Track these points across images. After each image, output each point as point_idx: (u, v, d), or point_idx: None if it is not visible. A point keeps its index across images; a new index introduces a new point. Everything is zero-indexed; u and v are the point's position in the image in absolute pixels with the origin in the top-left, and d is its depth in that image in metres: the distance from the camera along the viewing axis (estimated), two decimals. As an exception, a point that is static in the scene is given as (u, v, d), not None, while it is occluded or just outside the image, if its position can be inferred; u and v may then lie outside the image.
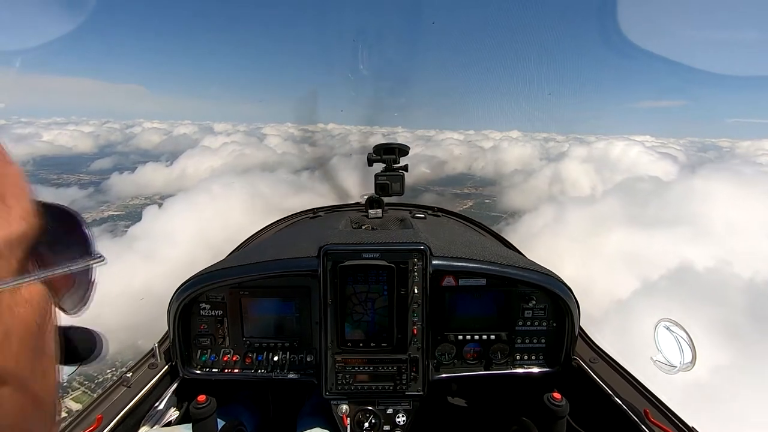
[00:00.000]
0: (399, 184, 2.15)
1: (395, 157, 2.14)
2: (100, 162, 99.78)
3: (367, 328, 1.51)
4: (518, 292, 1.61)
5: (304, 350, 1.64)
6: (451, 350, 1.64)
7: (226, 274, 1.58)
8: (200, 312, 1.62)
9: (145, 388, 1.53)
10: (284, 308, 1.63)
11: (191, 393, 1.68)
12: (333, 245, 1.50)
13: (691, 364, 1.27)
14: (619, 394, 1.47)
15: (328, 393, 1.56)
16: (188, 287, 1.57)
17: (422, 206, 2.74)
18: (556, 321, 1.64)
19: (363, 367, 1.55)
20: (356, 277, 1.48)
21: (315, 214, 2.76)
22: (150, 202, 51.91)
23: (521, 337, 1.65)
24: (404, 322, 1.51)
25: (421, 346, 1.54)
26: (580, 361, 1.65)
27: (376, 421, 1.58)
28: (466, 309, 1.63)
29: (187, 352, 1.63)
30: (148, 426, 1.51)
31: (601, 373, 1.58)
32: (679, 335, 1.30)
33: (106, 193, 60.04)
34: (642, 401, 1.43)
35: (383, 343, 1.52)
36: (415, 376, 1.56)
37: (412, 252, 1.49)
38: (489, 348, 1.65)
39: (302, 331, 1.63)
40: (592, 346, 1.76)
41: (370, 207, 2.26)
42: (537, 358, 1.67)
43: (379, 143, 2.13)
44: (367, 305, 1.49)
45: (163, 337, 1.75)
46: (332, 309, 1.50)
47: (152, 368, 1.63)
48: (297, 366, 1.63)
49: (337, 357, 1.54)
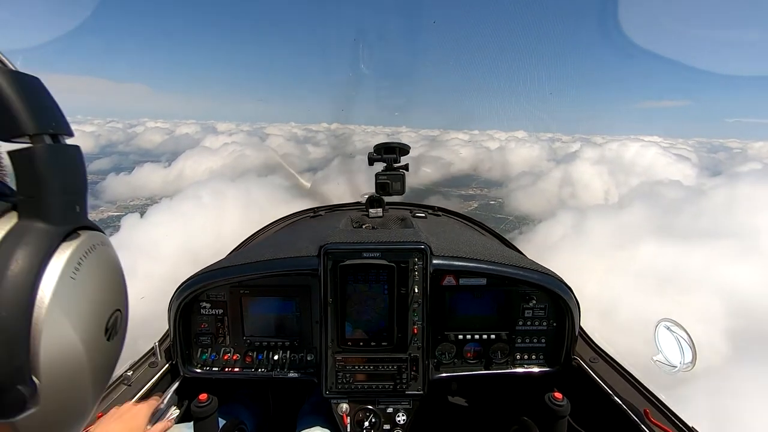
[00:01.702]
0: (399, 183, 2.15)
1: (396, 157, 2.14)
2: (99, 162, 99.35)
3: (367, 328, 1.52)
4: (518, 291, 1.61)
5: (305, 349, 1.64)
6: (451, 350, 1.64)
7: (227, 272, 1.58)
8: (201, 311, 1.62)
9: (145, 387, 1.53)
10: (285, 307, 1.63)
11: (192, 392, 1.68)
12: (333, 244, 1.50)
13: (692, 364, 1.27)
14: (619, 393, 1.47)
15: (328, 392, 1.56)
16: (189, 286, 1.57)
17: (423, 205, 2.75)
18: (556, 321, 1.64)
19: (363, 367, 1.55)
20: (357, 276, 1.48)
21: (315, 213, 2.76)
22: (150, 202, 51.19)
23: (521, 336, 1.65)
24: (404, 322, 1.52)
25: (422, 346, 1.55)
26: (580, 360, 1.65)
27: (376, 420, 1.59)
28: (466, 308, 1.63)
29: (188, 350, 1.63)
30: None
31: (601, 373, 1.58)
32: (679, 335, 1.30)
33: (99, 197, 59.36)
34: (642, 401, 1.43)
35: (383, 342, 1.52)
36: (416, 376, 1.56)
37: (412, 251, 1.49)
38: (489, 347, 1.65)
39: (303, 330, 1.63)
40: (593, 345, 1.76)
41: (371, 206, 2.26)
42: (537, 357, 1.67)
43: (380, 142, 2.14)
44: (367, 304, 1.50)
45: (163, 336, 1.75)
46: (332, 308, 1.50)
47: (153, 367, 1.63)
48: (297, 365, 1.63)
49: (338, 356, 1.54)
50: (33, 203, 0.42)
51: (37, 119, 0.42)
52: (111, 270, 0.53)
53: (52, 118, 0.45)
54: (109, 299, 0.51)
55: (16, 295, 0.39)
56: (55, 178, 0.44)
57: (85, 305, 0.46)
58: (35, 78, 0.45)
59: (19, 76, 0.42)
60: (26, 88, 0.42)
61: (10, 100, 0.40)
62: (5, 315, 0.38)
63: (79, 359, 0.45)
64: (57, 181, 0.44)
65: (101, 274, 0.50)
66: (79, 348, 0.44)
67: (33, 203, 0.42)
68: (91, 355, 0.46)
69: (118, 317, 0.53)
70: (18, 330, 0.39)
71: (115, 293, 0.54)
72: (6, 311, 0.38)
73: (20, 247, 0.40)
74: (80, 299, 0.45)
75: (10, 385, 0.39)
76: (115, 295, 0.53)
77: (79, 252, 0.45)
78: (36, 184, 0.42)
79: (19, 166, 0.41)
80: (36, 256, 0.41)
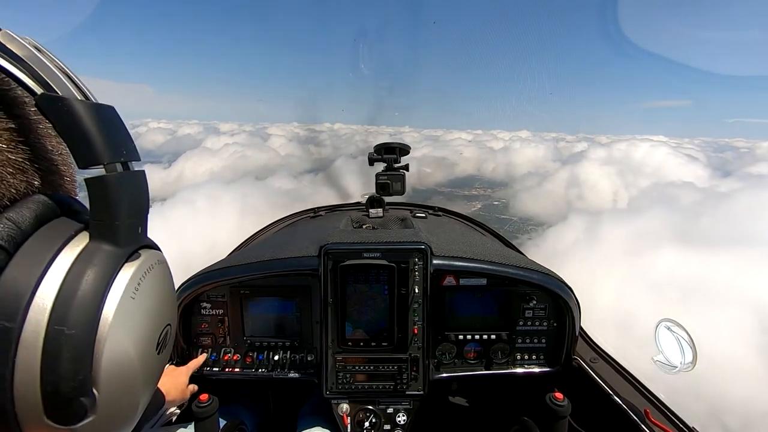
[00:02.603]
0: (400, 183, 2.15)
1: (396, 157, 2.14)
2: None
3: (367, 328, 1.52)
4: (519, 291, 1.61)
5: (305, 349, 1.64)
6: (451, 350, 1.64)
7: (227, 273, 1.59)
8: (201, 311, 1.62)
9: None
10: (285, 307, 1.63)
11: None
12: (334, 244, 1.50)
13: (692, 364, 1.27)
14: (620, 393, 1.47)
15: (328, 392, 1.56)
16: (189, 286, 1.57)
17: (423, 206, 2.75)
18: (556, 321, 1.64)
19: (363, 367, 1.55)
20: (357, 276, 1.48)
21: (316, 213, 2.76)
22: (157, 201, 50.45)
23: (522, 336, 1.64)
24: (405, 322, 1.52)
25: (422, 346, 1.55)
26: (580, 360, 1.64)
27: (376, 420, 1.59)
28: (466, 308, 1.63)
29: (188, 351, 1.64)
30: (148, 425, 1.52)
31: (601, 373, 1.58)
32: (680, 335, 1.30)
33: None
34: (642, 401, 1.43)
35: (384, 342, 1.52)
36: (416, 376, 1.56)
37: (412, 251, 1.49)
38: (489, 348, 1.65)
39: (303, 331, 1.63)
40: (593, 346, 1.76)
41: (371, 206, 2.26)
42: (537, 357, 1.67)
43: (380, 143, 2.14)
44: (367, 305, 1.50)
45: None
46: (333, 308, 1.50)
47: None
48: (297, 365, 1.64)
49: (338, 356, 1.54)
50: (103, 226, 0.46)
51: (111, 148, 0.45)
52: (165, 287, 0.56)
53: (123, 146, 0.48)
54: (162, 315, 0.54)
55: (85, 314, 0.42)
56: (123, 203, 0.47)
57: (143, 322, 0.49)
58: (111, 108, 0.48)
59: (97, 107, 0.45)
60: (103, 118, 0.45)
61: (89, 132, 0.43)
62: (75, 333, 0.41)
63: (134, 372, 0.48)
64: (125, 206, 0.47)
65: (158, 292, 0.53)
66: (134, 361, 0.47)
67: (103, 226, 0.46)
68: (144, 368, 0.49)
69: (168, 331, 0.57)
70: (85, 347, 0.42)
71: (168, 309, 0.57)
72: (76, 329, 0.41)
73: (90, 269, 0.43)
74: (139, 316, 0.49)
75: (74, 397, 0.42)
76: (167, 311, 0.56)
77: (139, 272, 0.48)
78: (108, 209, 0.45)
79: (93, 192, 0.45)
80: (103, 278, 0.44)
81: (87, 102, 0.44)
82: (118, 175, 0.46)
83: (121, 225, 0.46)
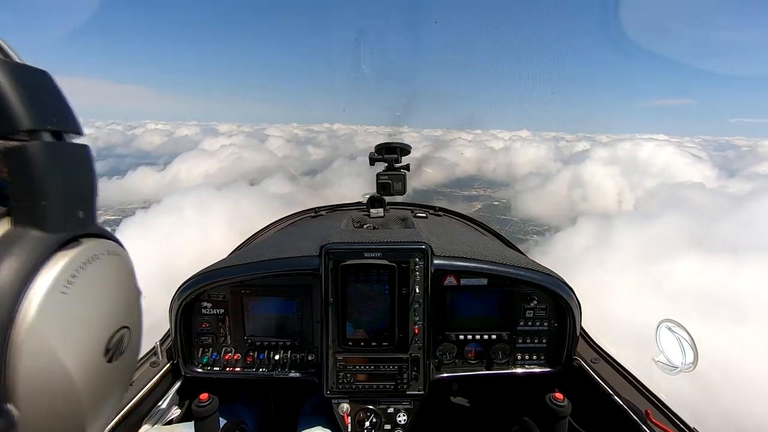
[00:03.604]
0: (401, 183, 2.15)
1: (397, 157, 2.14)
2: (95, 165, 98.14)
3: (368, 328, 1.52)
4: (520, 291, 1.61)
5: (306, 349, 1.64)
6: (452, 350, 1.64)
7: (228, 272, 1.59)
8: (202, 311, 1.62)
9: (146, 387, 1.53)
10: (286, 307, 1.63)
11: (193, 391, 1.69)
12: (334, 244, 1.50)
13: (693, 364, 1.27)
14: (621, 394, 1.46)
15: (329, 392, 1.56)
16: (190, 286, 1.57)
17: (424, 205, 2.75)
18: (557, 321, 1.64)
19: (364, 367, 1.55)
20: (358, 276, 1.48)
21: (316, 213, 2.76)
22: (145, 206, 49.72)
23: (522, 336, 1.64)
24: (405, 322, 1.52)
25: (423, 346, 1.54)
26: (581, 361, 1.64)
27: (377, 420, 1.59)
28: (467, 308, 1.63)
29: (189, 350, 1.64)
30: (149, 424, 1.52)
31: (602, 374, 1.57)
32: (681, 336, 1.30)
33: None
34: (643, 402, 1.43)
35: (384, 342, 1.52)
36: (416, 376, 1.56)
37: (413, 251, 1.49)
38: (490, 348, 1.65)
39: (303, 330, 1.63)
40: (594, 346, 1.76)
41: (372, 206, 2.26)
42: (538, 358, 1.67)
43: (381, 142, 2.14)
44: (368, 304, 1.50)
45: (164, 336, 1.76)
46: (333, 308, 1.50)
47: (154, 366, 1.64)
48: (298, 365, 1.64)
49: (339, 356, 1.54)
50: (27, 208, 0.38)
51: (34, 114, 0.38)
52: (116, 282, 0.48)
53: (54, 114, 0.40)
54: (111, 315, 0.47)
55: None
56: (52, 180, 0.39)
57: (78, 323, 0.41)
58: (40, 71, 0.41)
59: (19, 68, 0.38)
60: (26, 81, 0.38)
61: (6, 94, 0.36)
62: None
63: (69, 383, 0.40)
64: (55, 184, 0.40)
65: (104, 288, 0.46)
66: (67, 371, 0.39)
67: (27, 208, 0.38)
68: (86, 379, 0.41)
69: (124, 335, 0.48)
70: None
71: (122, 309, 0.49)
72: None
73: (6, 258, 0.36)
74: (74, 316, 0.41)
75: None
76: (122, 311, 0.49)
77: (74, 263, 0.41)
78: (30, 186, 0.38)
79: (12, 165, 0.37)
80: (22, 268, 0.36)
81: (6, 61, 0.38)
82: (45, 144, 0.38)
83: (49, 206, 0.39)
